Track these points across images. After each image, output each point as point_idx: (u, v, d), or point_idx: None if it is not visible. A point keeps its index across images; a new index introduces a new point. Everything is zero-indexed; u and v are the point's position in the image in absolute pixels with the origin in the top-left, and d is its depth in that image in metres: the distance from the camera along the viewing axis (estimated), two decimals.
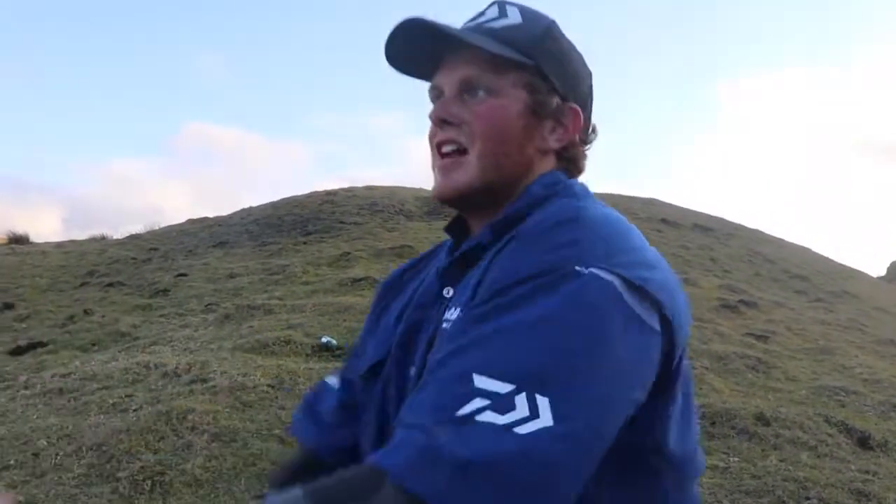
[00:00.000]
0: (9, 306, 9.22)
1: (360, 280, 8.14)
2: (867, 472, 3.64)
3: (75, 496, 3.29)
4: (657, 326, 0.78)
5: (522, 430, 0.67)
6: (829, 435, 4.11)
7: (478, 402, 0.69)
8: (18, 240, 16.02)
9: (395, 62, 0.97)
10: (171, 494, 3.32)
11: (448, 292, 0.94)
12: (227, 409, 4.19)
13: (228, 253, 11.77)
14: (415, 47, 0.95)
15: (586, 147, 1.00)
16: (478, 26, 0.94)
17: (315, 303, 7.17)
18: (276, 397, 4.42)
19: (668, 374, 0.81)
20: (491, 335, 0.75)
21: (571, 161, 0.98)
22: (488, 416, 0.68)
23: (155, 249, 13.18)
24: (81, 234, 17.82)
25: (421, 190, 20.37)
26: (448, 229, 1.02)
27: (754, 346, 7.07)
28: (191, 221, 16.78)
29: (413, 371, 0.94)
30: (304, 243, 11.75)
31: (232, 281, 9.21)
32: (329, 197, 16.93)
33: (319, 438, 1.09)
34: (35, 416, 4.35)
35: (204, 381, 4.64)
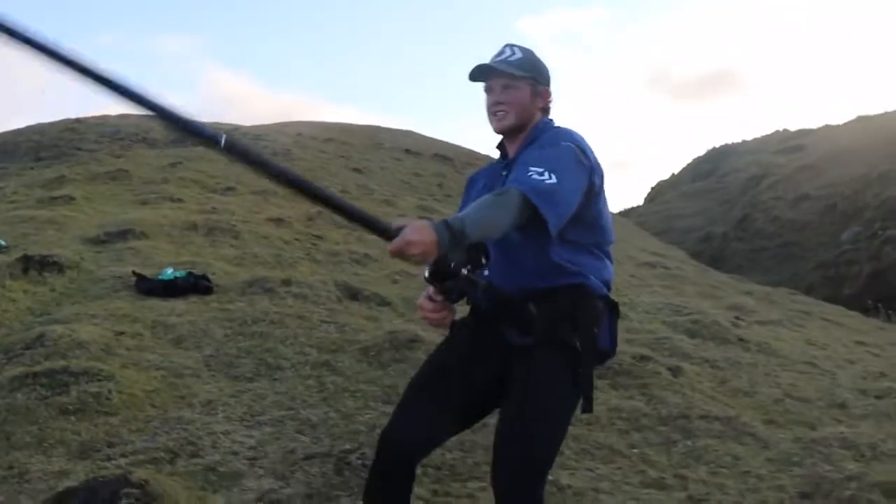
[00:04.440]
0: None
1: (58, 198, 9.41)
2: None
3: None
4: (587, 165, 2.06)
5: (548, 180, 1.93)
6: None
7: (531, 173, 1.95)
8: None
9: (471, 78, 2.22)
10: None
11: (504, 172, 2.22)
12: None
13: None
14: (479, 71, 2.21)
15: (551, 103, 2.29)
16: (504, 60, 2.19)
17: (8, 216, 8.41)
18: None
19: (592, 188, 2.08)
20: (534, 158, 2.01)
21: (547, 112, 2.27)
22: (535, 176, 1.94)
23: None
24: None
25: None
26: (498, 148, 2.32)
27: None
28: None
29: None
30: (32, 168, 12.57)
31: None
32: (75, 125, 17.37)
33: None
34: None
35: None
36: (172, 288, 5.62)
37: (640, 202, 49.41)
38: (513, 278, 2.09)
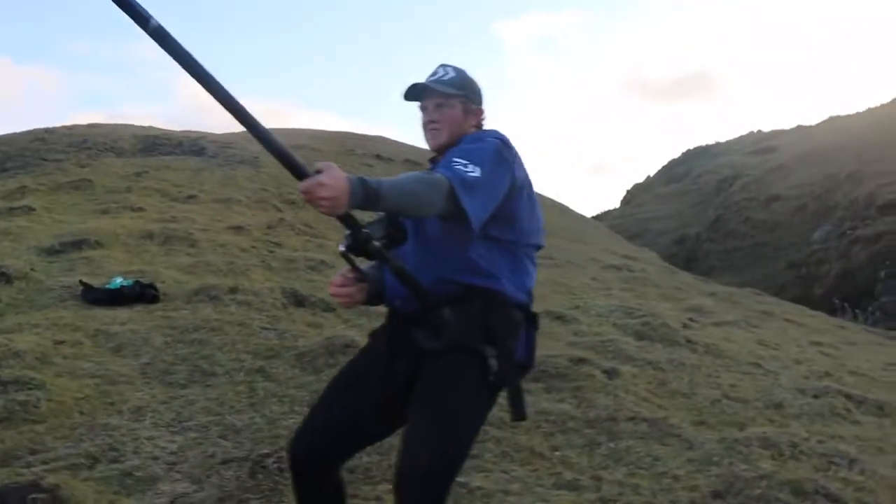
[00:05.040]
0: None
1: (17, 209, 9.40)
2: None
3: None
4: (510, 159, 2.12)
5: (472, 172, 1.98)
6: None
7: (457, 164, 2.00)
8: None
9: (406, 97, 2.29)
10: None
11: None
12: None
13: None
14: (413, 91, 2.28)
15: (483, 120, 2.35)
16: (438, 80, 2.26)
17: None
18: None
19: (514, 182, 2.12)
20: (460, 151, 2.08)
21: (478, 128, 2.31)
22: (460, 167, 1.98)
23: None
24: None
25: (150, 128, 20.94)
26: (431, 162, 2.33)
27: None
28: None
29: None
30: None
31: None
32: (44, 135, 17.24)
33: None
34: None
35: None
36: (118, 297, 5.66)
37: (615, 205, 49.85)
38: (428, 269, 2.10)
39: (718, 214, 34.03)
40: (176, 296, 5.98)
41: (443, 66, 2.33)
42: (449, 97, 2.25)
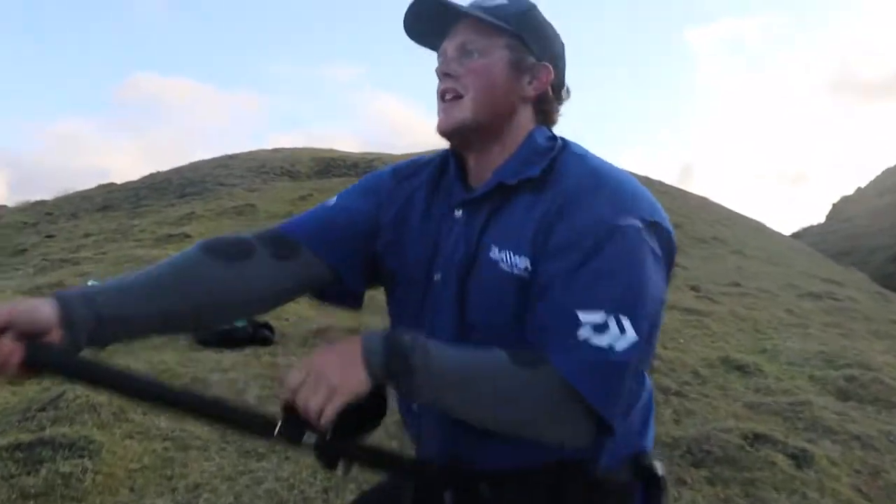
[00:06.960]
0: None
1: (175, 236, 9.54)
2: None
3: None
4: (661, 253, 1.10)
5: (621, 342, 1.01)
6: None
7: (585, 326, 1.01)
8: None
9: (411, 34, 1.25)
10: None
11: (458, 213, 1.22)
12: None
13: (106, 216, 13.12)
14: (425, 22, 1.22)
15: (560, 103, 1.27)
16: (475, 4, 1.20)
17: (119, 255, 8.57)
18: None
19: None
20: (579, 284, 1.05)
21: (546, 113, 1.24)
22: (594, 337, 1.01)
23: (49, 214, 14.49)
24: (30, 198, 18.33)
25: (331, 151, 21.53)
26: (448, 159, 1.30)
27: None
28: (100, 187, 18.02)
29: (438, 277, 1.22)
30: (171, 205, 13.08)
31: (82, 240, 10.59)
32: (228, 161, 18.16)
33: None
34: None
35: None
36: (228, 338, 5.25)
37: (819, 220, 45.34)
38: (450, 439, 1.23)
39: None
40: (291, 337, 5.51)
41: None
42: (485, 33, 1.20)
